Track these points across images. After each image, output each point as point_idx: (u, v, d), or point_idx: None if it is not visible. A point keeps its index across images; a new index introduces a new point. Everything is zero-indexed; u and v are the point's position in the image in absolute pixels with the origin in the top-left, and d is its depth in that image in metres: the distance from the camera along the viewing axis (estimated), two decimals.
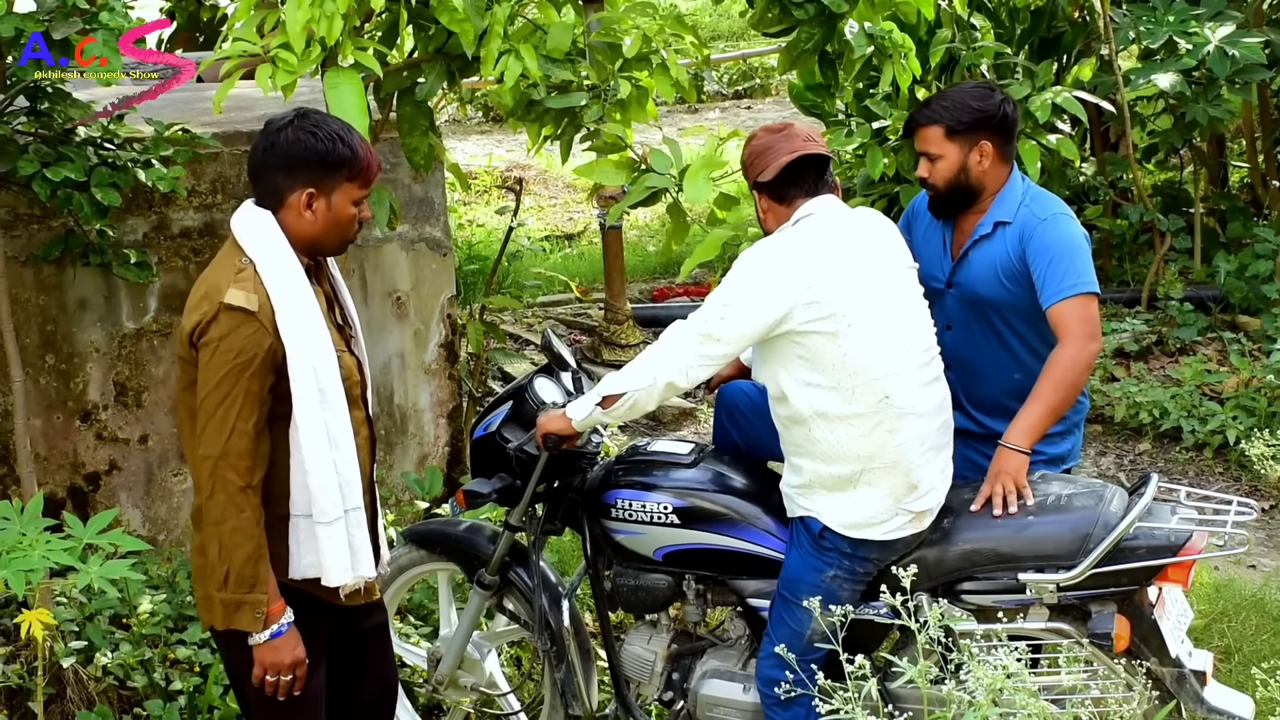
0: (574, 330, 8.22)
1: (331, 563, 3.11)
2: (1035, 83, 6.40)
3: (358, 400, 3.22)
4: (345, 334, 3.26)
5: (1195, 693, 3.46)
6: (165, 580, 4.54)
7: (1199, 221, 7.89)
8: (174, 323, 4.80)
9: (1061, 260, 3.70)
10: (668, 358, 3.42)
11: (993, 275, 3.81)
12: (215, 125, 4.76)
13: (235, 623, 3.06)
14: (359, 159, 3.09)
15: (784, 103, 12.76)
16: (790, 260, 3.40)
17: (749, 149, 3.59)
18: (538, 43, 4.25)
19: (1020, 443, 3.60)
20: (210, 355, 2.98)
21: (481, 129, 13.28)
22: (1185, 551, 3.39)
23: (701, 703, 3.80)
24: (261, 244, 3.06)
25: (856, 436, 3.42)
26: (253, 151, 3.11)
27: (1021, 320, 3.84)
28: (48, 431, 4.73)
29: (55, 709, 4.05)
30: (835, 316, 3.36)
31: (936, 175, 3.82)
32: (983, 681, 2.59)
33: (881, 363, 3.41)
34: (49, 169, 4.10)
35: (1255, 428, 6.06)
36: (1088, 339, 3.67)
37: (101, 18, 4.01)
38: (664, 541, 3.73)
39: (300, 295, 3.04)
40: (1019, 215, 3.81)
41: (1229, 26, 6.91)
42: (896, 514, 3.47)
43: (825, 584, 3.49)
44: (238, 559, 3.00)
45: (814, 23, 4.74)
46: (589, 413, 3.50)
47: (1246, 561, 5.36)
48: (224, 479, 2.98)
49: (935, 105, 3.83)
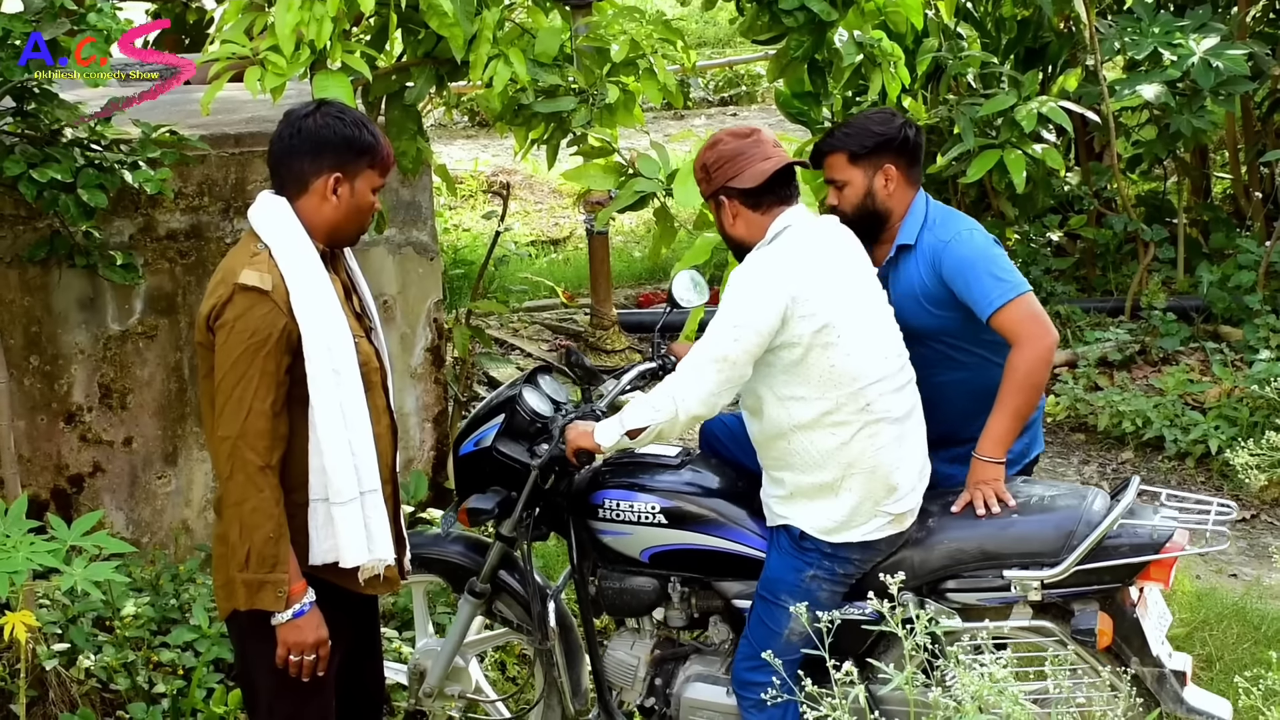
0: (560, 335, 8.22)
1: (347, 543, 3.12)
2: (1021, 92, 6.43)
3: (377, 386, 3.24)
4: (363, 323, 3.28)
5: (1175, 693, 3.49)
6: (149, 583, 4.53)
7: (1182, 232, 7.93)
8: (160, 325, 4.80)
9: (981, 275, 3.66)
10: (688, 389, 3.41)
11: (915, 304, 3.76)
12: (203, 127, 4.75)
13: (258, 603, 3.07)
14: (381, 147, 3.16)
15: (770, 110, 12.77)
16: (784, 273, 3.41)
17: (715, 153, 3.54)
18: (526, 47, 4.27)
19: (994, 453, 3.62)
20: (226, 336, 3.02)
21: (468, 133, 13.28)
22: (1167, 549, 3.43)
23: (685, 707, 3.80)
24: (276, 228, 3.10)
25: (837, 444, 3.44)
26: (276, 139, 3.14)
27: (956, 339, 3.79)
28: (32, 433, 4.71)
29: (38, 711, 4.03)
30: (828, 328, 3.38)
31: (844, 202, 3.81)
32: (969, 688, 2.59)
33: (866, 371, 3.43)
34: (35, 170, 4.09)
35: (1237, 437, 6.09)
36: (1039, 336, 3.62)
37: (90, 19, 4.02)
38: (651, 542, 3.74)
39: (314, 276, 3.08)
40: (922, 240, 3.77)
41: (1213, 38, 6.96)
42: (876, 515, 3.49)
43: (805, 584, 3.51)
44: (258, 538, 3.02)
45: (803, 31, 4.76)
46: (616, 440, 3.51)
47: (1228, 570, 5.39)
48: (242, 459, 3.01)
49: (838, 133, 3.84)
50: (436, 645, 4.03)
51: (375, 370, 3.25)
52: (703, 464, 3.87)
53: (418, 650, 4.10)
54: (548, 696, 4.01)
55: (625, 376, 3.98)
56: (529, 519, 3.78)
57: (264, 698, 3.30)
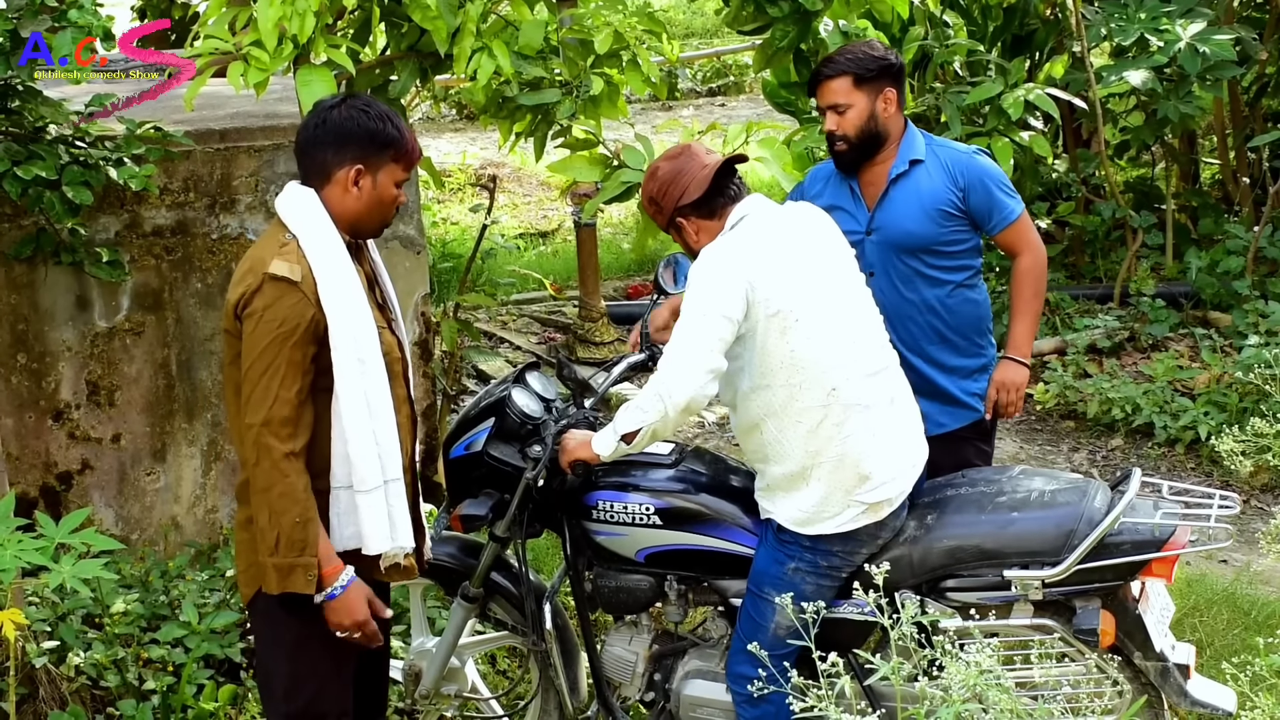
0: (549, 328, 8.22)
1: (370, 530, 3.17)
2: (1008, 80, 6.42)
3: (399, 376, 3.30)
4: (385, 314, 3.33)
5: (1179, 686, 3.48)
6: (138, 579, 4.52)
7: (1171, 218, 7.95)
8: (147, 321, 4.80)
9: (997, 190, 4.11)
10: (672, 384, 3.40)
11: (919, 210, 4.07)
12: (187, 123, 4.74)
13: (288, 586, 3.11)
14: (405, 141, 3.20)
15: (758, 100, 12.78)
16: (739, 258, 3.42)
17: (657, 183, 3.58)
18: (510, 39, 4.26)
19: (1023, 354, 4.17)
20: (255, 325, 3.06)
21: (455, 127, 13.27)
22: (1169, 546, 3.41)
23: (684, 703, 3.80)
24: (304, 219, 3.14)
25: (804, 433, 3.44)
26: (302, 129, 3.20)
27: (940, 258, 4.11)
28: (20, 431, 4.71)
29: (28, 709, 4.03)
30: (782, 313, 3.39)
31: (847, 125, 4.07)
32: (956, 678, 2.59)
33: (828, 355, 3.43)
34: (20, 167, 4.10)
35: (1226, 423, 6.10)
36: (1039, 244, 4.21)
37: (70, 15, 4.02)
38: (646, 543, 3.72)
39: (341, 267, 3.12)
40: (936, 153, 4.13)
41: (1200, 24, 6.96)
42: (849, 506, 3.47)
43: (788, 577, 3.51)
44: (286, 523, 3.06)
45: (789, 20, 4.77)
46: (614, 447, 3.52)
47: (1218, 556, 5.40)
48: (268, 446, 3.05)
49: (840, 59, 4.10)
50: (432, 645, 4.02)
51: (397, 360, 3.30)
52: (697, 461, 3.85)
53: (413, 650, 4.10)
54: (544, 697, 4.01)
55: (614, 370, 3.97)
56: (522, 519, 3.78)
57: (280, 683, 3.33)
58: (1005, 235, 4.14)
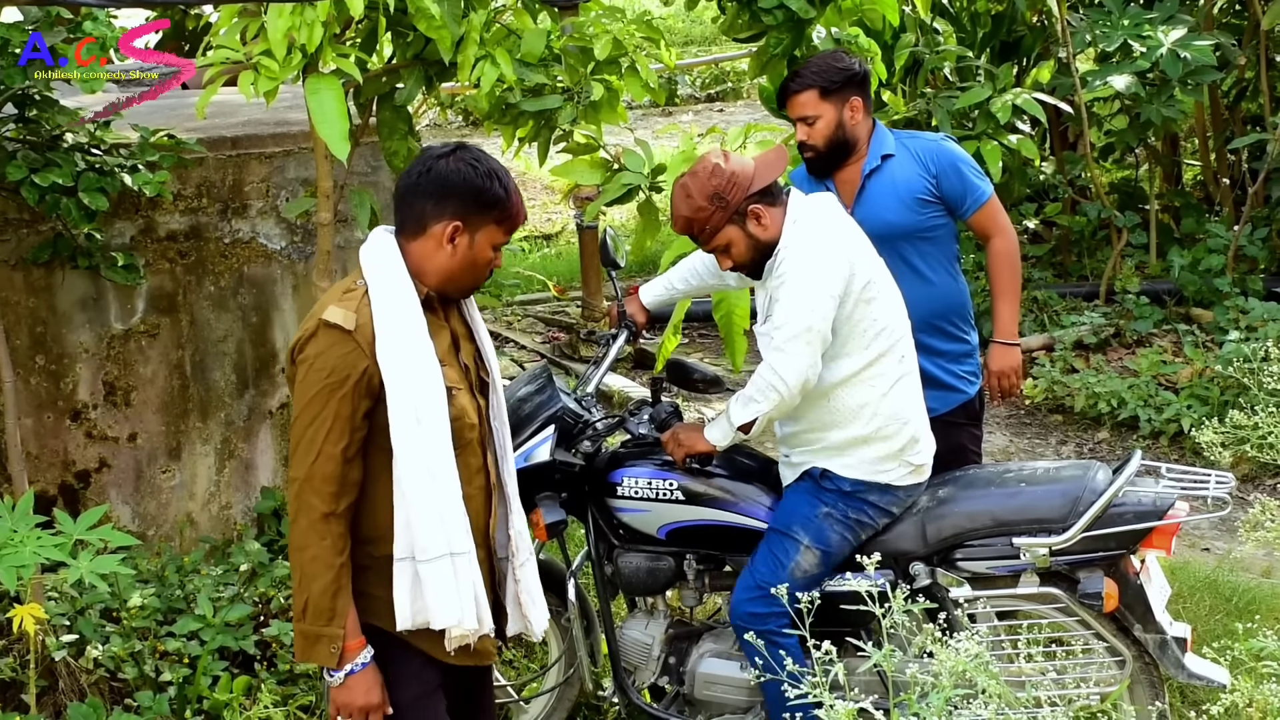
0: (552, 328, 8.33)
1: (435, 603, 2.88)
2: (996, 85, 6.54)
3: (473, 444, 3.00)
4: (469, 376, 3.04)
5: (1177, 659, 3.62)
6: (155, 574, 4.57)
7: (1154, 218, 8.06)
8: (161, 323, 4.88)
9: (967, 173, 4.23)
10: (786, 370, 3.53)
11: (895, 200, 4.18)
12: (199, 131, 4.81)
13: (312, 657, 2.88)
14: (511, 203, 2.94)
15: (755, 105, 12.88)
16: (834, 239, 3.59)
17: (724, 176, 3.58)
18: (512, 47, 4.35)
19: (1011, 336, 4.27)
20: (305, 372, 2.85)
21: (461, 132, 13.35)
22: (1170, 516, 3.57)
23: (700, 681, 3.90)
24: (378, 267, 2.91)
25: (877, 396, 3.61)
26: (405, 174, 2.96)
27: (920, 244, 4.20)
28: (38, 430, 4.75)
29: (48, 701, 4.06)
30: (871, 284, 3.58)
31: (816, 135, 4.19)
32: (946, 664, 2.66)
33: (897, 322, 3.65)
34: (37, 174, 4.15)
35: (1209, 416, 6.22)
36: (1010, 227, 4.30)
37: (85, 27, 4.10)
38: (669, 518, 3.84)
39: (407, 320, 2.86)
40: (906, 145, 4.24)
41: (1181, 30, 7.09)
42: (899, 465, 3.66)
43: (818, 520, 3.64)
44: (315, 589, 2.83)
45: (782, 28, 4.85)
46: (730, 437, 3.68)
47: (1200, 545, 5.53)
48: (307, 503, 2.82)
49: (805, 73, 4.21)
50: None
51: (471, 427, 2.98)
52: None
53: None
54: (566, 672, 4.10)
55: (604, 363, 4.12)
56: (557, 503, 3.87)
57: None
58: (978, 217, 4.23)
